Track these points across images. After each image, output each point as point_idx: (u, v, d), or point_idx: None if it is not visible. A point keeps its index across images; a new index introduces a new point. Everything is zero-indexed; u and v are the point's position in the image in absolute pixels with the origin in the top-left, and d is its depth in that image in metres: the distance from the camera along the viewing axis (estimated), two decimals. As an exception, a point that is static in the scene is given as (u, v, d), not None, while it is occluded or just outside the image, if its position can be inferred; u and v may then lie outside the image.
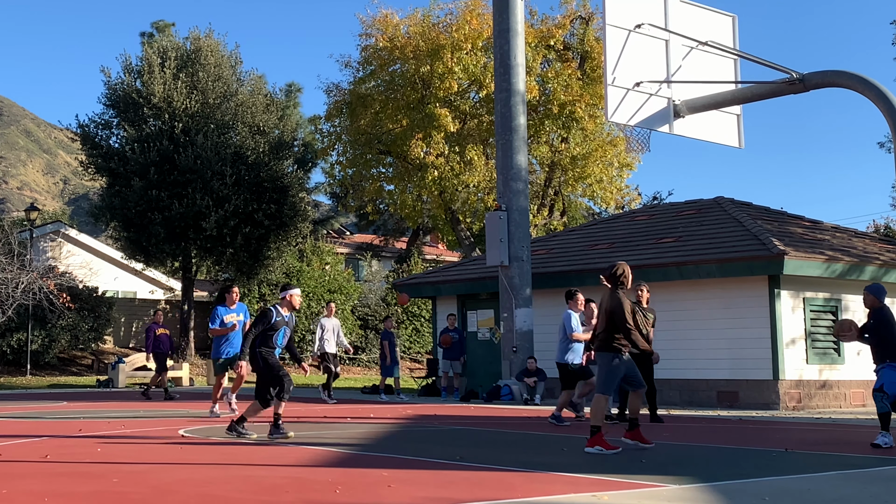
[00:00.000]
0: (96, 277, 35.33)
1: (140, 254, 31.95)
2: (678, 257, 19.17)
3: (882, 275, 19.28)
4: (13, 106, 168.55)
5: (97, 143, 31.85)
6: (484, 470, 8.00)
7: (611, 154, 33.10)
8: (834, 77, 14.01)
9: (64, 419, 13.87)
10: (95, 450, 9.42)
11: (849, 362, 19.15)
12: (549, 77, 32.06)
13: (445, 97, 31.13)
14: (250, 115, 32.10)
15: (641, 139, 14.83)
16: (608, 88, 13.94)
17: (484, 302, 22.43)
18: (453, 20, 31.82)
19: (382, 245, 50.56)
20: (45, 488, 6.73)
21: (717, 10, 15.54)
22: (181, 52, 32.40)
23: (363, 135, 32.64)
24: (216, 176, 30.11)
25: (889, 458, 9.21)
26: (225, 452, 9.29)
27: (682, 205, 23.95)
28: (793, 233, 20.11)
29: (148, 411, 16.01)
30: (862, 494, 6.78)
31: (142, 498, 6.30)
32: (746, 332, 18.19)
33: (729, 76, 15.37)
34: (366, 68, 33.48)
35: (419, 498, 6.54)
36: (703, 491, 6.84)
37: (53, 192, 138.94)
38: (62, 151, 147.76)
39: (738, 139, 15.72)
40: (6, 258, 28.38)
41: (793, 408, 17.80)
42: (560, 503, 6.32)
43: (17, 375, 29.01)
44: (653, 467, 8.33)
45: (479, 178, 31.16)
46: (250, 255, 31.71)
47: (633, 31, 14.19)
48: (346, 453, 9.32)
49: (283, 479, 7.25)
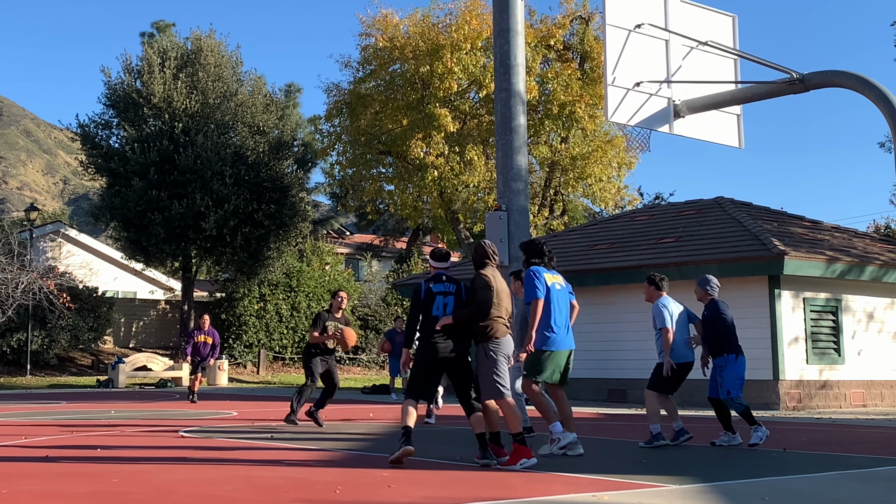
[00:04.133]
0: (96, 277, 35.34)
1: (140, 254, 31.95)
2: (678, 257, 19.17)
3: (882, 275, 19.29)
4: (13, 106, 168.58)
5: (97, 143, 31.84)
6: (484, 470, 7.99)
7: (610, 154, 33.10)
8: (834, 77, 13.99)
9: (64, 419, 13.87)
10: (95, 450, 9.42)
11: (849, 362, 19.15)
12: (549, 77, 32.06)
13: (445, 97, 31.13)
14: (250, 115, 32.10)
15: (641, 139, 14.81)
16: (608, 88, 13.92)
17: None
18: (453, 20, 31.82)
19: (382, 245, 50.57)
20: (45, 488, 6.73)
21: (717, 10, 15.53)
22: (181, 53, 32.40)
23: (363, 135, 32.64)
24: (216, 176, 30.11)
25: (889, 458, 9.21)
26: (225, 452, 9.28)
27: (682, 205, 23.95)
28: (793, 233, 20.10)
29: (148, 411, 16.01)
30: (862, 494, 6.78)
31: (142, 498, 6.29)
32: (746, 332, 18.08)
33: (729, 76, 15.36)
34: (366, 68, 33.48)
35: (419, 498, 6.54)
36: (703, 491, 6.84)
37: (53, 192, 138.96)
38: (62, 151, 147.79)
39: (738, 139, 15.69)
40: (6, 258, 28.38)
41: (793, 408, 17.80)
42: (560, 503, 6.32)
43: (17, 375, 29.01)
44: (653, 467, 8.33)
45: (479, 178, 31.15)
46: (250, 255, 31.70)
47: (633, 31, 14.17)
48: (346, 453, 9.31)
49: (283, 480, 7.25)
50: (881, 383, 19.71)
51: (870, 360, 19.58)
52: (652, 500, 6.40)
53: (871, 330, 19.76)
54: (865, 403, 19.23)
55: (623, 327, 19.86)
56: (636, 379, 18.85)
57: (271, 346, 34.18)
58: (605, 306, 20.23)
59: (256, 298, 33.94)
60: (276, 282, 34.35)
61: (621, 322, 19.95)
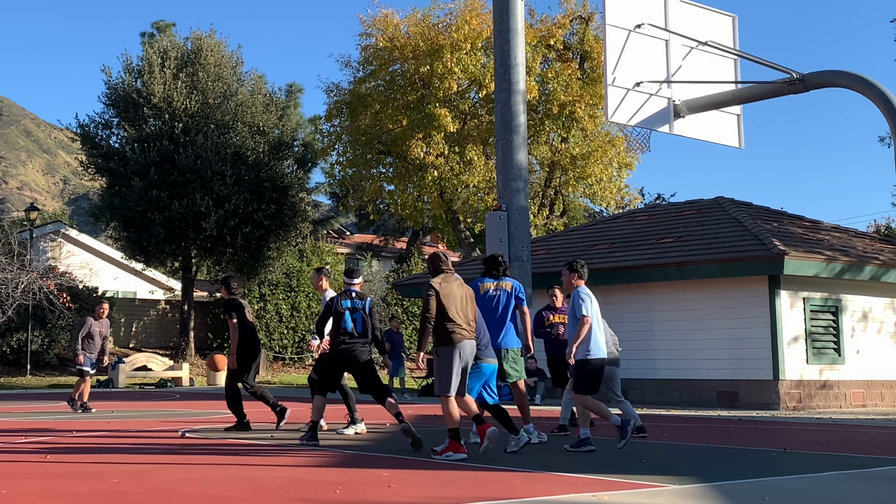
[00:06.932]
0: (96, 277, 35.34)
1: (140, 254, 31.96)
2: (678, 257, 19.17)
3: (882, 274, 19.28)
4: (13, 106, 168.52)
5: (97, 142, 31.85)
6: (484, 470, 7.99)
7: (611, 154, 33.10)
8: (834, 77, 14.01)
9: (64, 419, 13.87)
10: (95, 450, 9.42)
11: (849, 362, 19.15)
12: (549, 77, 32.06)
13: (445, 97, 31.13)
14: (250, 115, 32.11)
15: (641, 139, 14.81)
16: (608, 88, 13.93)
17: (484, 302, 22.40)
18: (453, 20, 31.83)
19: (382, 245, 50.57)
20: (45, 488, 6.73)
21: (717, 10, 15.53)
22: (181, 53, 32.41)
23: (363, 135, 32.64)
24: (216, 176, 30.11)
25: (889, 458, 9.21)
26: (225, 452, 9.28)
27: (682, 205, 23.95)
28: (793, 233, 20.10)
29: (148, 411, 16.01)
30: (862, 494, 6.77)
31: (142, 498, 6.29)
32: (746, 332, 18.18)
33: (729, 76, 15.37)
34: (366, 68, 33.48)
35: (419, 498, 6.54)
36: (703, 491, 6.83)
37: (53, 192, 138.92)
38: (62, 151, 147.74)
39: (739, 139, 15.70)
40: (6, 258, 28.38)
41: (793, 408, 17.80)
42: (560, 503, 6.32)
43: (17, 375, 29.02)
44: (653, 467, 8.33)
45: (479, 178, 31.15)
46: (250, 255, 31.71)
47: (633, 31, 14.18)
48: (345, 453, 9.31)
49: (283, 480, 7.25)
50: (881, 383, 19.72)
51: (870, 359, 19.58)
52: (652, 500, 6.40)
53: (871, 330, 19.76)
54: (865, 403, 19.23)
55: (623, 327, 19.79)
56: (637, 379, 18.85)
57: (271, 347, 34.18)
58: (606, 306, 20.14)
59: (256, 298, 33.94)
60: (276, 282, 34.36)
61: (622, 322, 19.90)
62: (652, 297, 19.41)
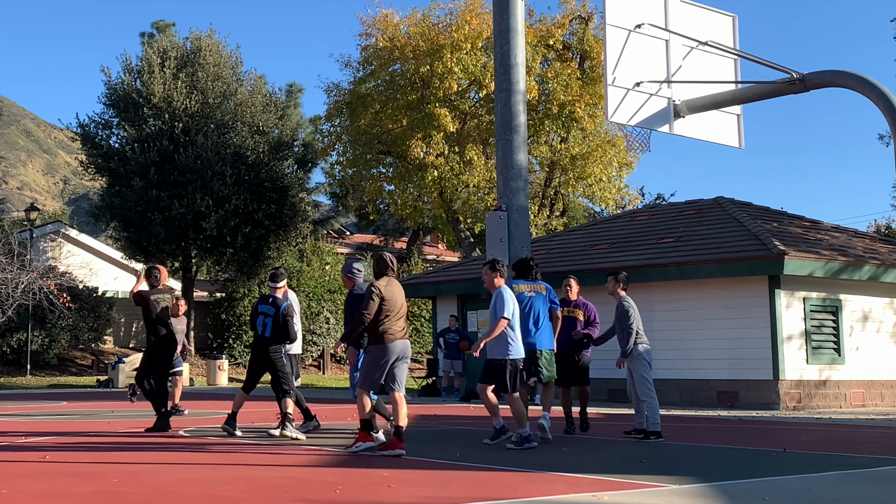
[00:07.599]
0: (96, 277, 35.32)
1: (140, 254, 31.95)
2: (678, 257, 19.17)
3: (881, 274, 19.29)
4: (13, 106, 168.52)
5: (97, 143, 31.85)
6: (484, 470, 7.99)
7: (610, 154, 33.09)
8: (834, 77, 14.00)
9: (64, 419, 13.87)
10: (95, 450, 9.42)
11: (849, 362, 19.15)
12: (549, 77, 32.04)
13: (445, 97, 31.12)
14: (250, 114, 32.11)
15: (641, 139, 14.81)
16: (608, 88, 13.92)
17: (484, 302, 22.38)
18: (453, 20, 31.81)
19: (382, 245, 50.52)
20: (45, 488, 6.73)
21: (717, 10, 15.52)
22: (181, 53, 32.41)
23: (363, 135, 32.62)
24: (216, 176, 30.11)
25: (889, 458, 9.21)
26: (225, 452, 9.29)
27: (682, 205, 23.95)
28: (793, 233, 20.11)
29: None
30: (862, 494, 6.78)
31: (141, 498, 6.29)
32: (746, 332, 18.18)
33: (729, 76, 15.36)
34: (366, 68, 33.47)
35: (419, 498, 6.54)
36: (703, 491, 6.84)
37: (53, 192, 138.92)
38: (62, 151, 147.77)
39: (739, 139, 15.69)
40: (6, 258, 28.38)
41: (793, 408, 17.80)
42: (560, 503, 6.32)
43: (17, 375, 29.01)
44: (653, 467, 8.33)
45: (479, 178, 31.14)
46: (250, 255, 31.70)
47: (633, 31, 14.17)
48: (346, 453, 9.32)
49: (283, 480, 7.25)
50: (881, 383, 19.72)
51: (870, 359, 19.58)
52: (652, 500, 6.40)
53: (870, 329, 19.76)
54: (865, 403, 19.23)
55: (623, 327, 19.83)
56: (636, 379, 18.83)
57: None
58: (606, 306, 20.20)
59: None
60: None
61: (621, 322, 19.92)
62: (652, 297, 19.40)
